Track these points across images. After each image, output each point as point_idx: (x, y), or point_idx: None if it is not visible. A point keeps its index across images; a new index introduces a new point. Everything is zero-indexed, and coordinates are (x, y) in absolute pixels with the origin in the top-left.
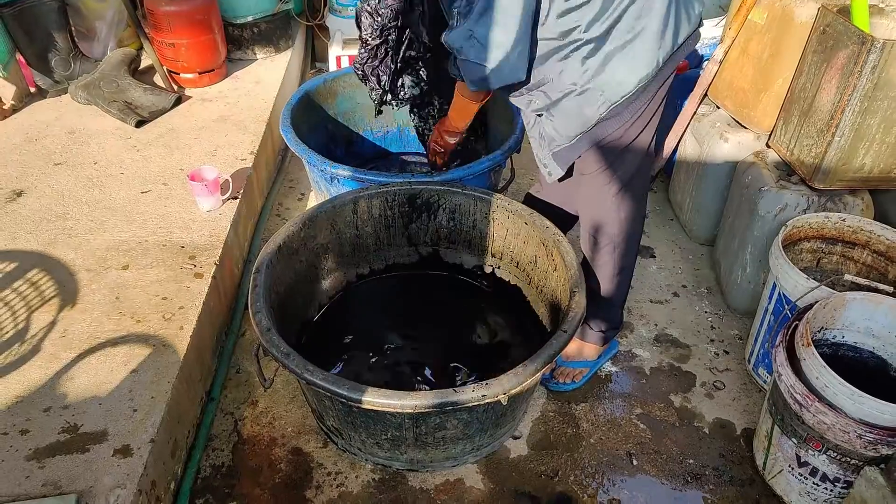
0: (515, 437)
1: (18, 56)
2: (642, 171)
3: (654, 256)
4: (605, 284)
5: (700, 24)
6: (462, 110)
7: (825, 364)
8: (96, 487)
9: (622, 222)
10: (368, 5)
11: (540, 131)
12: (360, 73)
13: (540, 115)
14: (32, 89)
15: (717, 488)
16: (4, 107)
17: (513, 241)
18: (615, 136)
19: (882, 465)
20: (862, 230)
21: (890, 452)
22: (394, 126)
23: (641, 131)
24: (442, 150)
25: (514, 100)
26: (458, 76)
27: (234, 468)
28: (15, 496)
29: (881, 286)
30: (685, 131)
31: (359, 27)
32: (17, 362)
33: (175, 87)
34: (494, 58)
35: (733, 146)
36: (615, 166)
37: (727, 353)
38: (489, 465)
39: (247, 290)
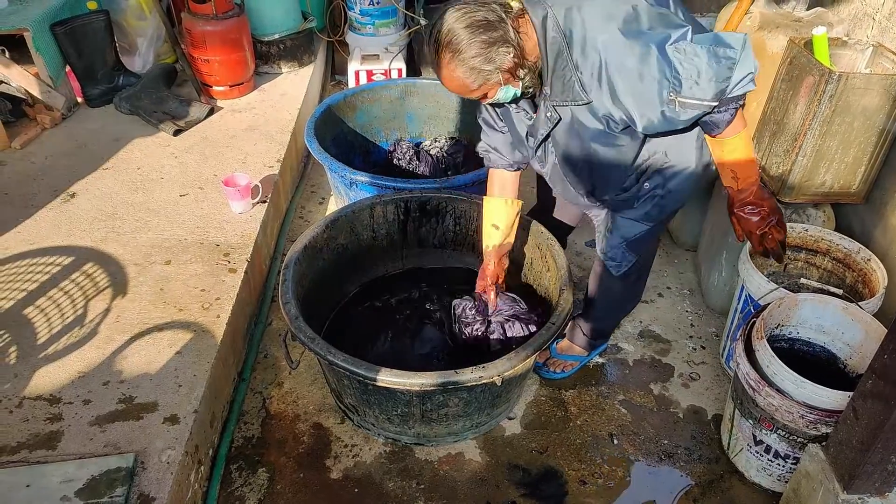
0: (510, 418)
1: (68, 69)
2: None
3: None
4: (607, 304)
5: None
6: (751, 148)
7: (774, 354)
8: (150, 449)
9: (645, 257)
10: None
11: (609, 225)
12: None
13: (612, 209)
14: (80, 99)
15: (688, 465)
16: (55, 115)
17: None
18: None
19: (823, 443)
20: (823, 239)
21: (829, 431)
22: (406, 138)
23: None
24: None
25: (614, 204)
26: (733, 113)
27: (263, 439)
28: (81, 454)
29: (831, 289)
30: None
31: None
32: (78, 343)
33: (208, 99)
34: (742, 37)
35: None
36: (665, 218)
37: (704, 348)
38: (486, 441)
39: (273, 284)
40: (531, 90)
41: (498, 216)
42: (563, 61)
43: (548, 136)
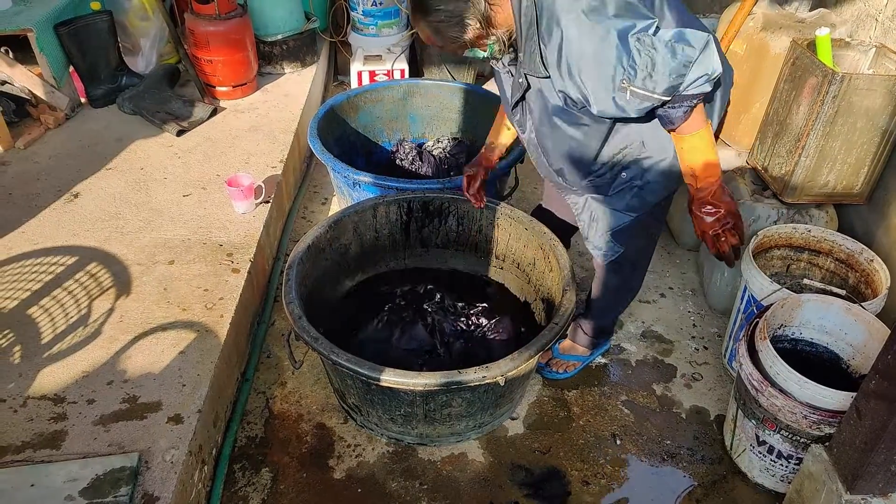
0: (513, 418)
1: (71, 69)
2: (665, 208)
3: None
4: (610, 299)
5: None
6: (712, 148)
7: (777, 354)
8: (154, 448)
9: (644, 249)
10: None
11: (592, 214)
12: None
13: (594, 197)
14: (83, 99)
15: (690, 465)
16: (59, 115)
17: (514, 244)
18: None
19: (826, 443)
20: (826, 240)
21: (832, 432)
22: (409, 138)
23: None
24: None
25: (588, 188)
26: (687, 111)
27: (266, 439)
28: (85, 454)
29: (834, 289)
30: None
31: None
32: (82, 343)
33: (211, 99)
34: (705, 37)
35: None
36: (649, 210)
37: (706, 348)
38: (489, 441)
39: (277, 284)
40: (500, 56)
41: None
42: (533, 33)
43: (521, 98)
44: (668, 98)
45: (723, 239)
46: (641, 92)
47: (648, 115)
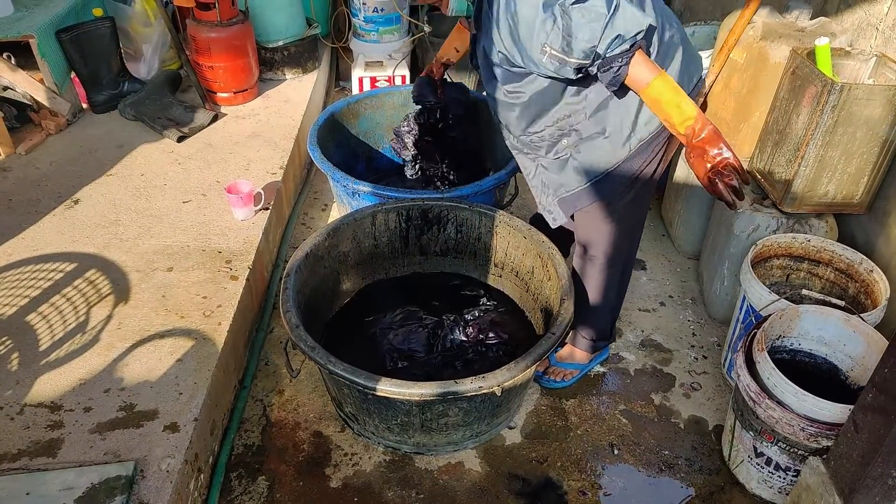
0: (511, 427)
1: (73, 75)
2: (644, 199)
3: (645, 268)
4: (595, 298)
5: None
6: (673, 95)
7: (774, 366)
8: (150, 457)
9: (617, 242)
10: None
11: (542, 180)
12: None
13: (542, 165)
14: (85, 105)
15: (688, 476)
16: (60, 121)
17: (513, 252)
18: (633, 170)
19: (823, 456)
20: (825, 250)
21: (829, 444)
22: None
23: (649, 163)
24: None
25: (529, 146)
26: (616, 71)
27: (263, 447)
28: (81, 462)
29: (833, 300)
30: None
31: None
32: (80, 350)
33: (212, 105)
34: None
35: None
36: (621, 197)
37: (706, 357)
38: (487, 450)
39: (275, 291)
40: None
41: (461, 42)
42: None
43: (474, 51)
44: (587, 62)
45: (720, 183)
46: (559, 56)
47: (588, 81)
